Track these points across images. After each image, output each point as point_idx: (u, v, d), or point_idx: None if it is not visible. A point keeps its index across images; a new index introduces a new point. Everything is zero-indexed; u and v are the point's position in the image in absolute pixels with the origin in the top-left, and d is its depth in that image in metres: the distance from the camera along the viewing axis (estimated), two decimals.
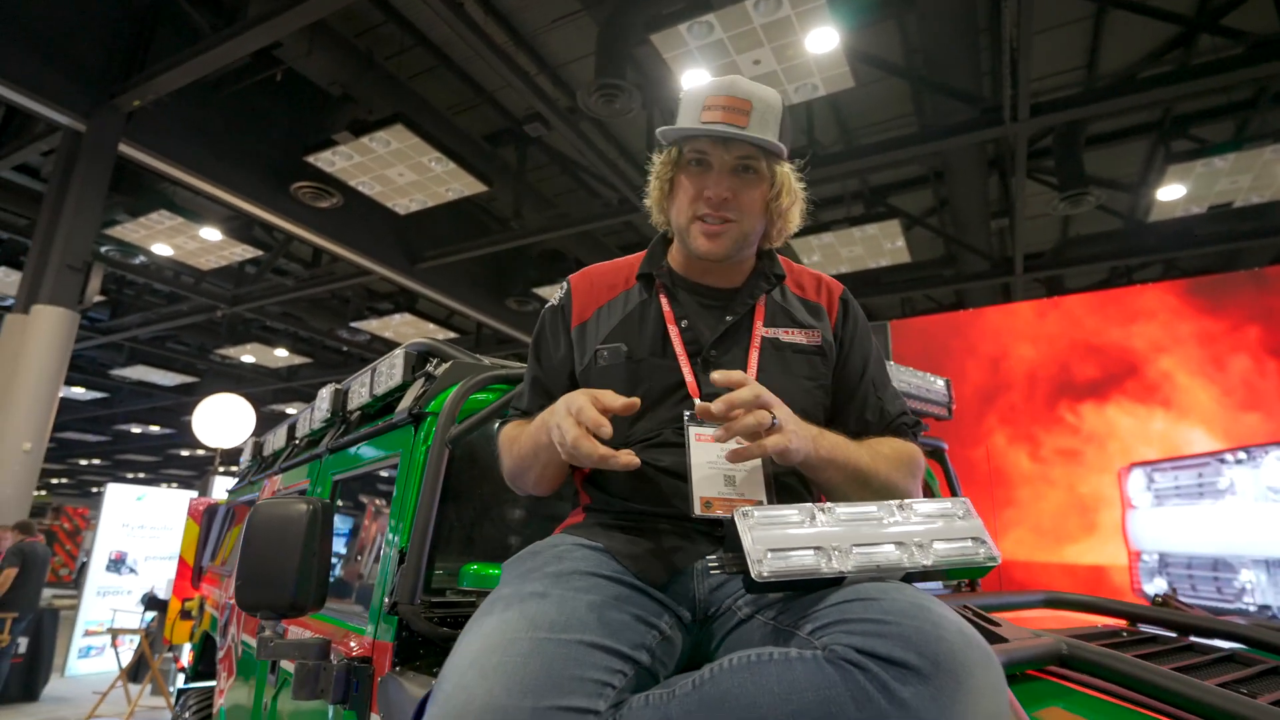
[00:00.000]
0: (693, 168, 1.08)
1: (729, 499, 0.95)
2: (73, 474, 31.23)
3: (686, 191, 1.09)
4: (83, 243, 6.70)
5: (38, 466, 6.43)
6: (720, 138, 1.05)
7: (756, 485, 0.97)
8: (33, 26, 6.18)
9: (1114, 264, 9.19)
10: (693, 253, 1.11)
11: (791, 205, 1.12)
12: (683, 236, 1.11)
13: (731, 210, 1.06)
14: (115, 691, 6.04)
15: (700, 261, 1.14)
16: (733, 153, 1.06)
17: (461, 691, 0.71)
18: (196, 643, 3.50)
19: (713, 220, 1.06)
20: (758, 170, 1.08)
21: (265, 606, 1.35)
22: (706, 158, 1.07)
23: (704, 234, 1.07)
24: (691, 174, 1.08)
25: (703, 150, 1.07)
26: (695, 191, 1.08)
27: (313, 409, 2.26)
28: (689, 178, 1.09)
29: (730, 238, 1.08)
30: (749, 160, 1.07)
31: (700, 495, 0.94)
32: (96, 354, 13.79)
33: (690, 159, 1.08)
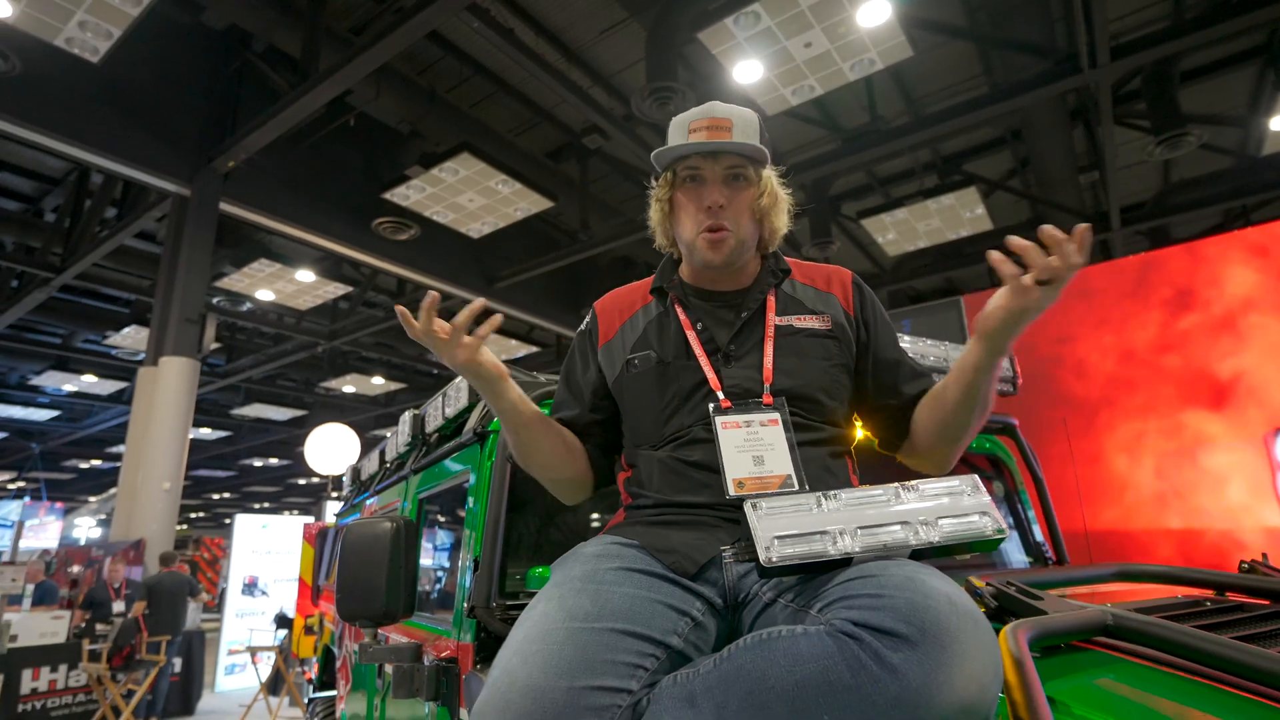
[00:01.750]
0: (689, 184, 1.17)
1: (759, 477, 1.01)
2: (207, 508, 34.06)
3: (686, 207, 1.17)
4: (197, 296, 7.35)
5: (177, 503, 7.09)
6: (708, 151, 1.14)
7: (783, 461, 1.03)
8: (137, 106, 6.85)
9: (1227, 206, 8.43)
10: (699, 262, 1.18)
11: (773, 205, 1.19)
12: (690, 250, 1.19)
13: (727, 218, 1.14)
14: (258, 704, 6.57)
15: (708, 271, 1.21)
16: (722, 164, 1.15)
17: (506, 675, 0.80)
18: (320, 655, 3.78)
19: (714, 229, 1.14)
20: (746, 177, 1.16)
21: (362, 616, 1.48)
22: (699, 172, 1.16)
23: (708, 243, 1.15)
24: (688, 190, 1.17)
25: (695, 166, 1.16)
26: (695, 205, 1.16)
27: (397, 434, 2.42)
28: (686, 194, 1.17)
29: (729, 245, 1.15)
30: (737, 169, 1.15)
31: (733, 477, 1.01)
32: (217, 396, 15.02)
33: (685, 176, 1.17)
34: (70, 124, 6.34)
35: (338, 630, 3.07)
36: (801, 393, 1.11)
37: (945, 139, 7.89)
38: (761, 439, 1.03)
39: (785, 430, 1.05)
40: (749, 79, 6.07)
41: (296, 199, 7.94)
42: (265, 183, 7.72)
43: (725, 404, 1.08)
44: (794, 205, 1.23)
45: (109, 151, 6.59)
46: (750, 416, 1.06)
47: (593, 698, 0.76)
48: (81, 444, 18.99)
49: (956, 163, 8.49)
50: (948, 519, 0.81)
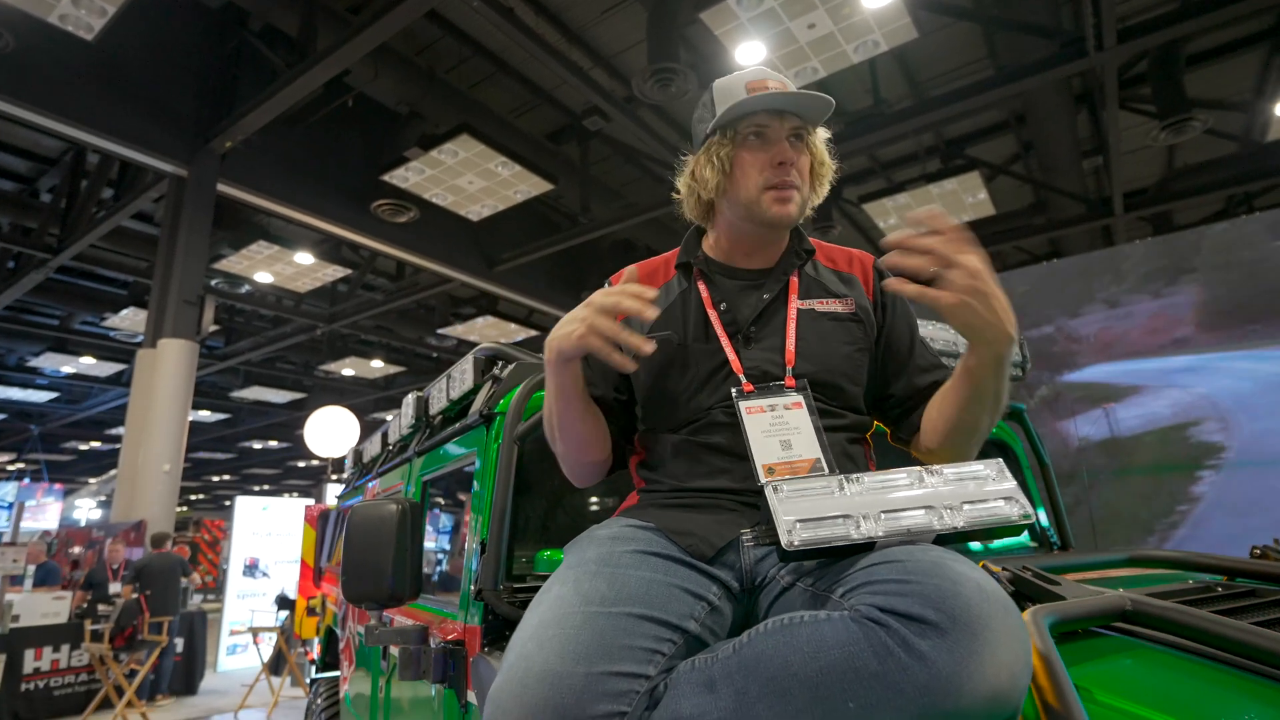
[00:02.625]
0: (753, 140, 1.12)
1: (789, 462, 0.99)
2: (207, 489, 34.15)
3: (752, 164, 1.12)
4: (195, 278, 7.31)
5: (177, 485, 7.10)
6: (778, 108, 1.10)
7: (811, 445, 1.01)
8: (133, 86, 6.77)
9: (1230, 192, 8.39)
10: (764, 221, 1.13)
11: (826, 172, 1.17)
12: (751, 209, 1.13)
13: (794, 176, 1.11)
14: (260, 683, 6.62)
15: (746, 241, 1.18)
16: (787, 123, 1.11)
17: (522, 661, 0.78)
18: (322, 636, 3.80)
19: (783, 186, 1.11)
20: (805, 140, 1.13)
21: (368, 599, 1.48)
22: (765, 129, 1.11)
23: (776, 200, 1.11)
24: (753, 147, 1.12)
25: (762, 123, 1.11)
26: (762, 162, 1.11)
27: (400, 416, 2.41)
28: (751, 152, 1.12)
29: (796, 203, 1.13)
30: (800, 129, 1.12)
31: (762, 463, 0.98)
32: (216, 379, 15.01)
33: (748, 133, 1.12)
34: (65, 103, 6.27)
35: (340, 612, 3.09)
36: (823, 377, 1.09)
37: (948, 123, 7.83)
38: (787, 423, 1.01)
39: (810, 414, 1.03)
40: (751, 60, 6.00)
41: (295, 181, 7.88)
42: (263, 164, 7.66)
43: (748, 388, 1.06)
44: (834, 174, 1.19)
45: (105, 131, 6.52)
46: (774, 400, 1.04)
47: (611, 683, 0.75)
48: (81, 425, 19.00)
49: (960, 147, 8.43)
50: (972, 504, 0.80)
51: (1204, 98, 6.92)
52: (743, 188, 1.13)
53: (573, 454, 1.15)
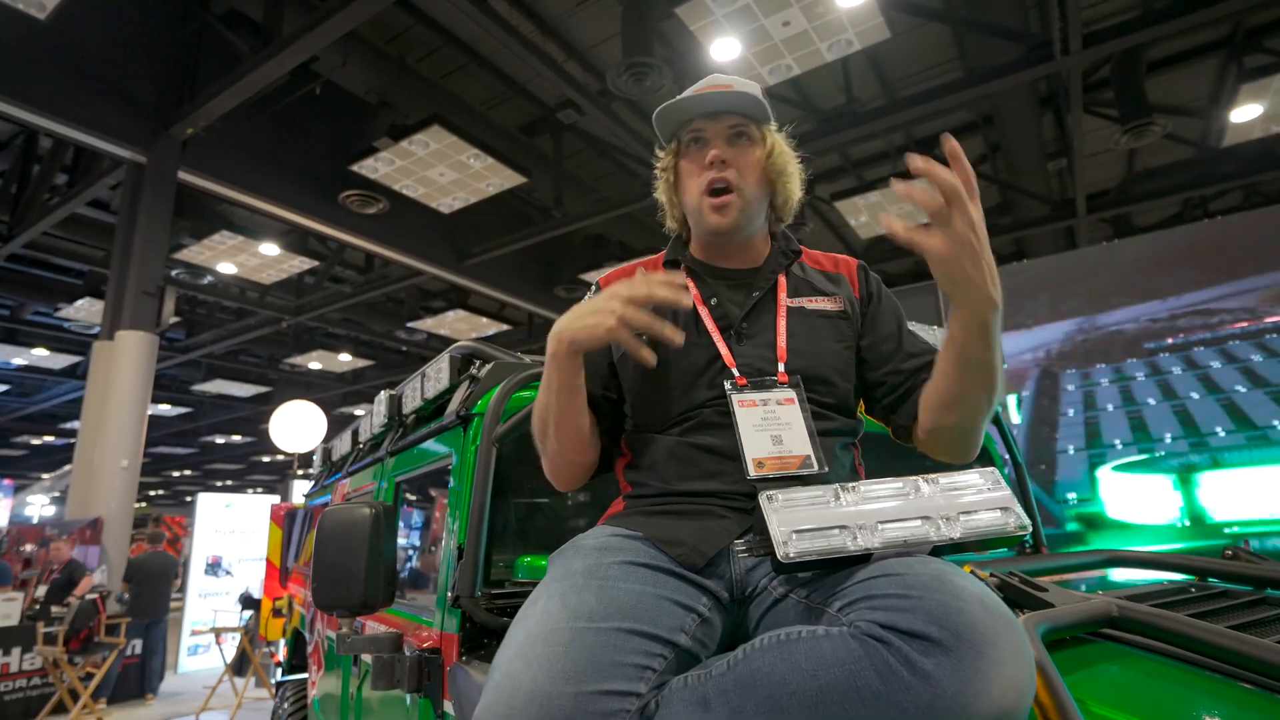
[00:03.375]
0: (692, 148, 1.14)
1: (779, 457, 0.98)
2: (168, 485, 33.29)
3: (691, 172, 1.14)
4: (155, 268, 7.09)
5: (135, 480, 6.90)
6: (709, 111, 1.11)
7: (802, 440, 1.00)
8: (89, 68, 6.52)
9: (1187, 195, 8.64)
10: (705, 231, 1.15)
11: (786, 164, 1.16)
12: (696, 220, 1.15)
13: (731, 175, 1.10)
14: (223, 685, 6.47)
15: (719, 246, 1.18)
16: (724, 123, 1.12)
17: (509, 680, 0.75)
18: (289, 638, 3.72)
19: (719, 186, 1.10)
20: (749, 135, 1.13)
21: (340, 606, 1.44)
22: (702, 133, 1.13)
23: (712, 209, 1.11)
24: (691, 154, 1.14)
25: (697, 128, 1.13)
26: (699, 166, 1.13)
27: (372, 414, 2.36)
28: (689, 159, 1.14)
29: (735, 208, 1.11)
30: (740, 126, 1.12)
31: (752, 457, 0.98)
32: (177, 372, 14.60)
33: (688, 140, 1.14)
34: (14, 84, 6.01)
35: (309, 614, 3.02)
36: (814, 373, 1.09)
37: (919, 123, 7.92)
38: (779, 418, 1.01)
39: (801, 408, 1.03)
40: (726, 57, 6.00)
41: (259, 169, 7.67)
42: (226, 151, 7.44)
43: (741, 382, 1.05)
44: (805, 173, 1.19)
45: (58, 115, 6.27)
46: (766, 395, 1.03)
47: (601, 703, 0.73)
48: (33, 419, 18.35)
49: (929, 146, 8.54)
50: (969, 514, 0.80)
51: (1164, 103, 7.11)
52: (688, 196, 1.15)
53: (564, 454, 1.11)
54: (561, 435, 1.08)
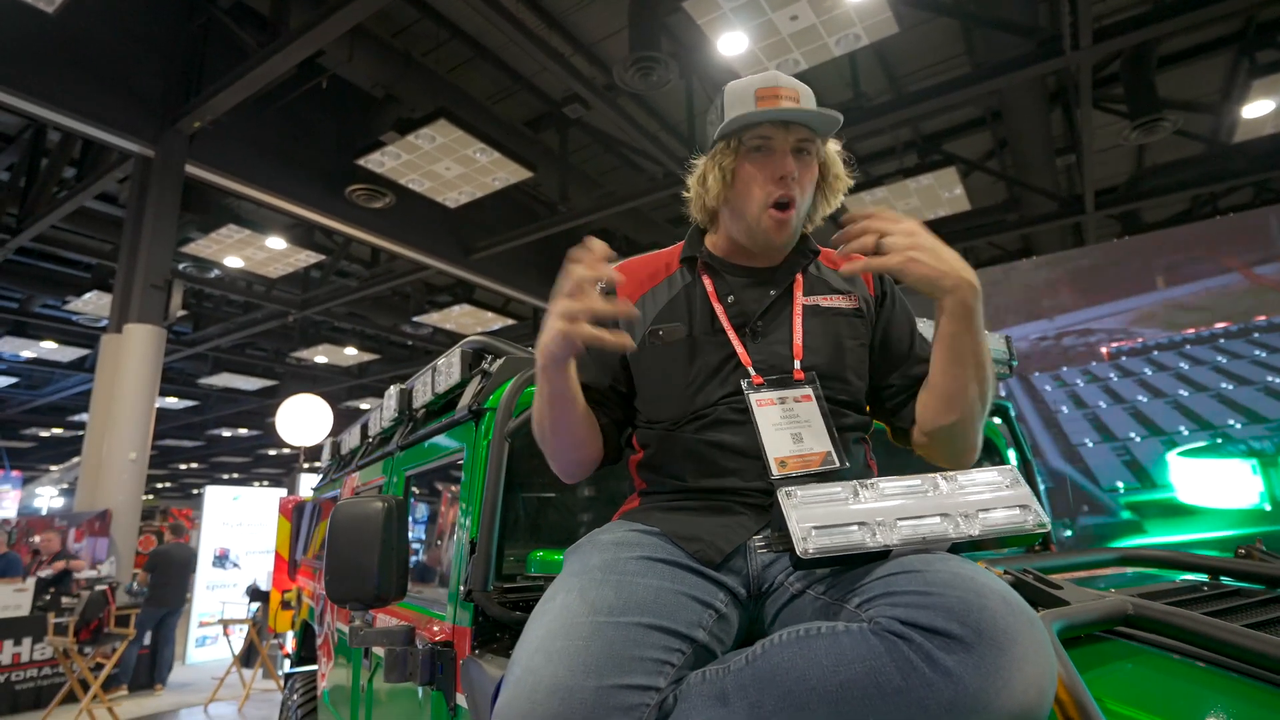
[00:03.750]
0: (757, 154, 1.10)
1: (800, 455, 0.98)
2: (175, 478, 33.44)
3: (755, 178, 1.10)
4: (162, 262, 7.11)
5: (144, 473, 6.93)
6: (784, 120, 1.08)
7: (822, 438, 1.00)
8: (96, 62, 6.53)
9: (1196, 192, 8.59)
10: (761, 240, 1.12)
11: (837, 182, 1.16)
12: (752, 225, 1.12)
13: (796, 189, 1.10)
14: (231, 676, 6.52)
15: (740, 250, 1.17)
16: (793, 135, 1.09)
17: (530, 675, 0.76)
18: (298, 630, 3.74)
19: (783, 203, 1.09)
20: (811, 152, 1.11)
21: (353, 599, 1.45)
22: (770, 142, 1.09)
23: (775, 223, 1.10)
24: (757, 160, 1.10)
25: (766, 135, 1.09)
26: (765, 175, 1.09)
27: (382, 408, 2.37)
28: (755, 165, 1.10)
29: (792, 222, 1.11)
30: (806, 142, 1.10)
31: (774, 456, 0.98)
32: (184, 365, 14.66)
33: (753, 145, 1.10)
34: (23, 77, 6.03)
35: (318, 606, 3.04)
36: (830, 370, 1.09)
37: (926, 118, 7.89)
38: (798, 416, 1.01)
39: (819, 405, 1.03)
40: (733, 51, 5.98)
41: (266, 163, 7.68)
42: (233, 145, 7.45)
43: (757, 380, 1.05)
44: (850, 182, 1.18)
45: (66, 108, 6.29)
46: (784, 393, 1.03)
47: (622, 697, 0.73)
48: (41, 412, 18.45)
49: (936, 142, 8.50)
50: (988, 511, 0.79)
51: (1174, 99, 7.06)
52: (745, 201, 1.11)
53: (565, 452, 1.11)
54: (559, 439, 1.09)
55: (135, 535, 7.00)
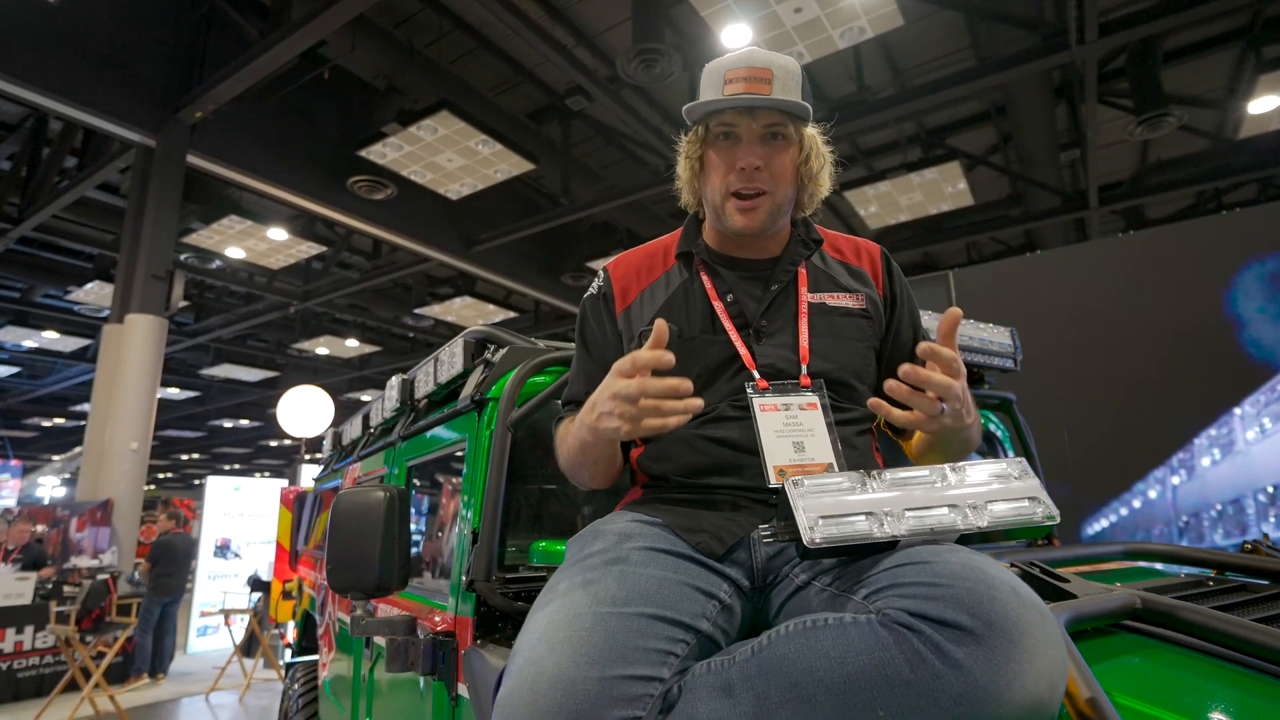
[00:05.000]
0: (721, 141, 1.07)
1: (801, 464, 0.96)
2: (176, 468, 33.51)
3: (717, 167, 1.08)
4: (164, 252, 7.10)
5: (145, 463, 6.95)
6: (745, 106, 1.04)
7: (824, 448, 0.98)
8: (99, 51, 6.51)
9: (1201, 188, 8.56)
10: (728, 229, 1.10)
11: (821, 168, 1.12)
12: (718, 213, 1.10)
13: (763, 180, 1.06)
14: (232, 666, 6.54)
15: (737, 236, 1.13)
16: (760, 121, 1.05)
17: (532, 665, 0.75)
18: (299, 620, 3.75)
19: (747, 193, 1.06)
20: (785, 136, 1.07)
21: (355, 588, 1.45)
22: (734, 129, 1.06)
23: (739, 210, 1.07)
24: (720, 148, 1.08)
25: (729, 122, 1.06)
26: (727, 165, 1.07)
27: (383, 398, 2.37)
28: (718, 152, 1.08)
29: (764, 210, 1.07)
30: (776, 127, 1.06)
31: (773, 464, 0.96)
32: (186, 356, 14.66)
33: (718, 133, 1.07)
34: (24, 67, 6.01)
35: (319, 596, 3.04)
36: (837, 375, 1.07)
37: (930, 112, 7.85)
38: (801, 424, 0.99)
39: (825, 415, 1.01)
40: (737, 43, 5.95)
41: (268, 154, 7.66)
42: (235, 136, 7.43)
43: (762, 384, 1.03)
44: (836, 166, 1.14)
45: (67, 97, 6.27)
46: (789, 399, 1.01)
47: (626, 687, 0.72)
48: (43, 402, 18.48)
49: (940, 136, 8.47)
50: (997, 503, 0.79)
51: (1180, 94, 7.03)
52: (710, 189, 1.10)
53: (592, 482, 1.13)
54: (594, 479, 1.10)
55: (137, 525, 7.03)
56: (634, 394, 0.86)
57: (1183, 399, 3.53)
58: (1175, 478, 3.53)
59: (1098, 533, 3.67)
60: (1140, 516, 3.57)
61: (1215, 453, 3.44)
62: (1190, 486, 3.48)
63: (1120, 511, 3.63)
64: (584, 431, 0.97)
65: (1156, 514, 3.54)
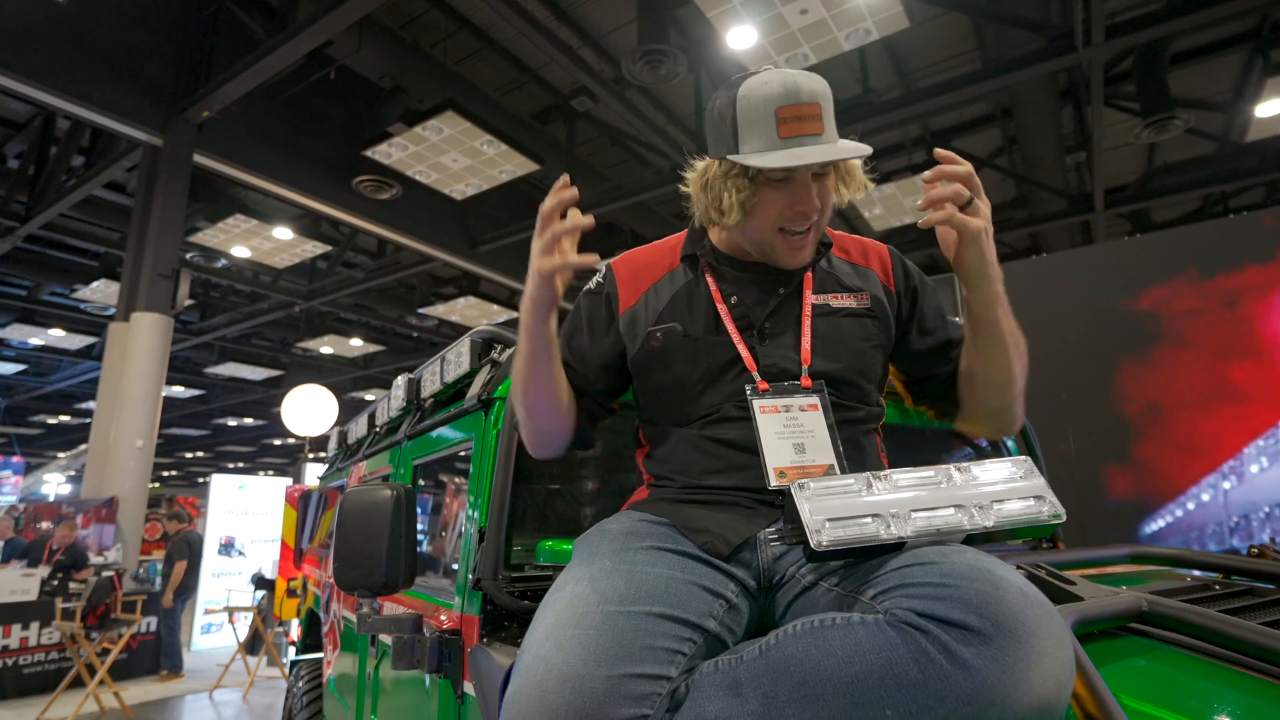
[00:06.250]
0: (773, 184, 1.04)
1: (801, 466, 0.96)
2: (180, 466, 33.63)
3: (770, 207, 1.04)
4: (170, 251, 7.13)
5: (150, 461, 6.97)
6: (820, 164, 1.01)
7: (825, 450, 0.98)
8: (106, 51, 6.54)
9: (1207, 191, 8.53)
10: (776, 263, 1.10)
11: (854, 194, 1.11)
12: (763, 248, 1.09)
13: (814, 213, 1.05)
14: (236, 663, 6.56)
15: (748, 252, 1.13)
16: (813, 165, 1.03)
17: (540, 663, 0.76)
18: (303, 618, 3.76)
19: (799, 230, 1.05)
20: (832, 171, 1.07)
21: (361, 586, 1.45)
22: (792, 174, 1.02)
23: (790, 248, 1.06)
24: (774, 189, 1.04)
25: (788, 169, 1.02)
26: (781, 206, 1.04)
27: (390, 398, 2.37)
28: (773, 192, 1.04)
29: (812, 243, 1.09)
30: (829, 166, 1.05)
31: (773, 466, 0.96)
32: (191, 354, 14.71)
33: (774, 178, 1.03)
34: (33, 65, 6.04)
35: (324, 594, 3.05)
36: (840, 376, 1.07)
37: (935, 114, 7.84)
38: (802, 425, 0.99)
39: (826, 416, 1.00)
40: (743, 45, 5.95)
41: (274, 153, 7.69)
42: (241, 135, 7.46)
43: (762, 386, 1.03)
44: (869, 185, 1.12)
45: (75, 96, 6.30)
46: (789, 400, 1.01)
47: (633, 686, 0.73)
48: (49, 399, 18.56)
49: (945, 139, 8.46)
50: (1003, 503, 0.79)
51: (1186, 96, 7.00)
52: (759, 226, 1.06)
53: (538, 417, 1.13)
54: (534, 399, 1.11)
55: (141, 522, 7.06)
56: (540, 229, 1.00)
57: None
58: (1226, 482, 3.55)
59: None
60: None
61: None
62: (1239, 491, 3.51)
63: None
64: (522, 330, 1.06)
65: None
